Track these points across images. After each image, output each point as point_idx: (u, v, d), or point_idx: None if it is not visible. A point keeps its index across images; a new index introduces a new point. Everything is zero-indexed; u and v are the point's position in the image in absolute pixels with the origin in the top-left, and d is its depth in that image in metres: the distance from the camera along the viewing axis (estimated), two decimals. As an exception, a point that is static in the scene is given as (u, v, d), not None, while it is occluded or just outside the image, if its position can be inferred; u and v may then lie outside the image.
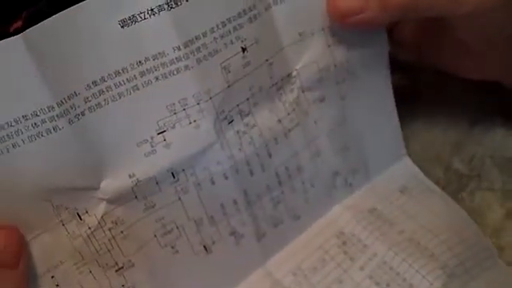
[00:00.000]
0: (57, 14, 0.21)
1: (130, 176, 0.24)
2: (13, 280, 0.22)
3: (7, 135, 0.21)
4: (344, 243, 0.30)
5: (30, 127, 0.22)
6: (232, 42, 0.25)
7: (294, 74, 0.28)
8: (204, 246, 0.27)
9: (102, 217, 0.24)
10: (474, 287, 0.27)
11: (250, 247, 0.29)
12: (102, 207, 0.24)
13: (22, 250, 0.23)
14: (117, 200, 0.24)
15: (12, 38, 0.21)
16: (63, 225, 0.24)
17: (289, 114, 0.28)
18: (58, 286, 0.24)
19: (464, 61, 0.30)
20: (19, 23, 0.28)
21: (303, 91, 0.29)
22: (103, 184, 0.24)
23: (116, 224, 0.25)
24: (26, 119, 0.21)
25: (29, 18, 0.28)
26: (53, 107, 0.22)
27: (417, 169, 0.33)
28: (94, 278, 0.25)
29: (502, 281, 0.28)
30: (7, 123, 0.21)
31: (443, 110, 0.35)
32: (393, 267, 0.28)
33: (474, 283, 0.27)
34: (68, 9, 0.21)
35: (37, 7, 0.28)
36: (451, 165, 0.33)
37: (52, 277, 0.24)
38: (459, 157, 0.33)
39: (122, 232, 0.25)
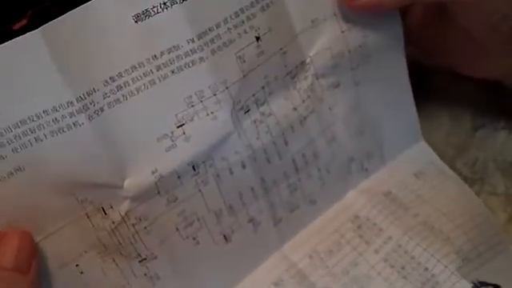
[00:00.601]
0: (72, 11, 0.22)
1: (152, 172, 0.24)
2: (24, 285, 0.22)
3: (29, 129, 0.22)
4: (359, 227, 0.30)
5: (51, 122, 0.22)
6: (246, 32, 0.25)
7: (308, 61, 0.28)
8: (224, 236, 0.28)
9: (125, 213, 0.25)
10: (487, 271, 0.27)
11: (267, 233, 0.29)
12: (125, 204, 0.24)
13: (34, 254, 0.23)
14: (140, 196, 0.25)
15: (31, 32, 0.21)
16: (88, 217, 0.24)
17: (304, 102, 0.28)
18: (82, 273, 0.25)
19: (467, 54, 0.30)
20: (24, 22, 0.28)
21: (317, 78, 0.29)
22: (127, 183, 0.24)
23: (140, 220, 0.25)
24: (47, 114, 0.22)
25: (34, 16, 0.28)
26: (72, 102, 0.22)
27: (432, 153, 0.33)
28: (117, 266, 0.26)
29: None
30: (29, 118, 0.22)
31: (446, 113, 0.35)
32: (408, 251, 0.28)
33: (486, 267, 0.28)
34: (83, 5, 0.22)
35: (41, 6, 0.28)
36: (454, 168, 0.33)
37: (76, 265, 0.25)
38: (462, 160, 0.33)
39: (145, 228, 0.25)
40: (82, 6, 0.22)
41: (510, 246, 0.29)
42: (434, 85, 0.36)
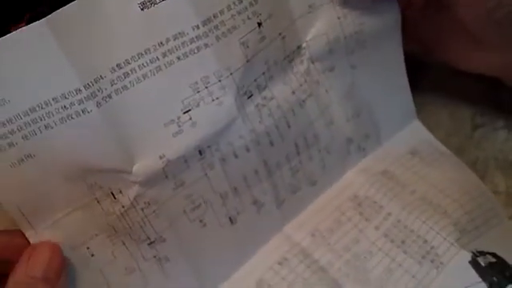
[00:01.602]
0: (78, 0, 0.22)
1: (160, 157, 0.25)
2: None
3: (39, 117, 0.22)
4: (359, 205, 0.31)
5: (61, 109, 0.22)
6: (249, 18, 0.25)
7: (304, 45, 0.29)
8: (229, 218, 0.29)
9: (134, 198, 0.25)
10: (484, 242, 0.28)
11: (271, 214, 0.30)
12: (134, 189, 0.25)
13: (63, 266, 0.24)
14: (149, 181, 0.25)
15: (37, 22, 0.21)
16: (98, 202, 0.25)
17: (301, 85, 0.29)
18: (93, 255, 0.26)
19: (464, 48, 0.30)
20: (22, 25, 0.28)
21: (313, 62, 0.29)
22: (135, 168, 0.25)
23: (148, 204, 0.26)
24: (56, 102, 0.22)
25: (32, 19, 0.28)
26: (80, 90, 0.22)
27: (426, 131, 0.34)
28: (127, 248, 0.26)
29: (509, 236, 0.29)
30: (38, 105, 0.22)
31: (445, 113, 0.35)
32: (407, 225, 0.30)
33: (484, 238, 0.29)
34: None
35: (39, 9, 0.28)
36: None
37: (87, 248, 0.25)
38: (463, 160, 0.33)
39: (154, 211, 0.26)
40: None
41: (505, 219, 0.30)
42: (434, 85, 0.36)
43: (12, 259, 0.24)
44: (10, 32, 0.24)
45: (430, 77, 0.37)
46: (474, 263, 0.27)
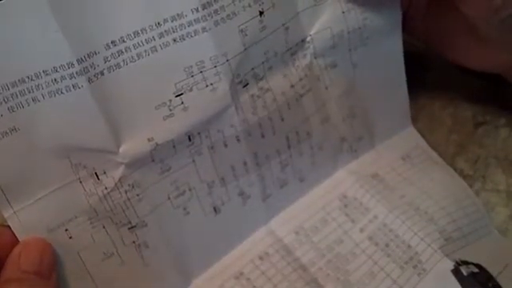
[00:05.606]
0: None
1: (148, 140, 0.24)
2: None
3: (27, 89, 0.21)
4: (346, 206, 0.31)
5: (50, 83, 0.22)
6: (250, 6, 0.25)
7: (308, 39, 0.29)
8: (214, 208, 0.28)
9: (119, 179, 0.24)
10: (470, 252, 0.28)
11: (256, 207, 0.30)
12: (120, 171, 0.24)
13: (55, 263, 0.24)
14: (135, 163, 0.25)
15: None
16: (80, 182, 0.24)
17: (301, 80, 0.29)
18: (71, 238, 0.25)
19: (467, 45, 0.30)
20: None
21: (315, 57, 0.29)
22: (122, 149, 0.24)
23: (132, 187, 0.25)
24: (47, 74, 0.21)
25: None
26: (73, 64, 0.22)
27: (420, 138, 0.34)
28: (107, 233, 0.26)
29: (496, 248, 0.29)
30: (28, 77, 0.21)
31: (447, 111, 0.35)
32: (392, 229, 0.29)
33: (469, 248, 0.29)
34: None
35: None
36: (456, 166, 0.33)
37: (66, 230, 0.25)
38: (463, 157, 0.33)
39: (137, 195, 0.25)
40: None
41: (494, 230, 0.30)
42: (436, 82, 0.36)
43: None
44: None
45: (433, 74, 0.37)
46: (455, 272, 0.27)
